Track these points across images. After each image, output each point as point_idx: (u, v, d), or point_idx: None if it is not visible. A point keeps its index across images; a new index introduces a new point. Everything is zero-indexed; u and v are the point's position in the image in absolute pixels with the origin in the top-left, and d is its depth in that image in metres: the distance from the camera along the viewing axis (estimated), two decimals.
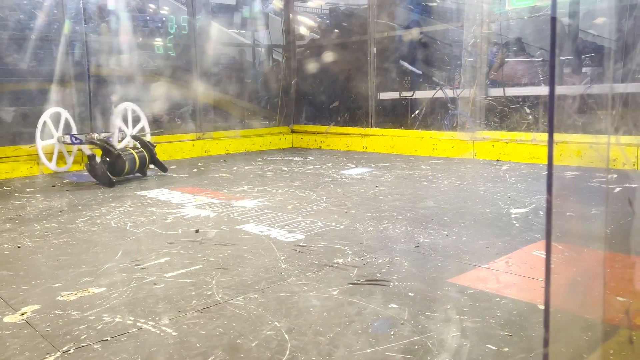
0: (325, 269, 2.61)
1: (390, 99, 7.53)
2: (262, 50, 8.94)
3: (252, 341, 1.87)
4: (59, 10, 6.38)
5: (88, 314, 2.13)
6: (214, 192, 4.72)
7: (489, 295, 2.23)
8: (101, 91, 6.81)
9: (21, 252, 3.03)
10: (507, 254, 2.77)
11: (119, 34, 6.99)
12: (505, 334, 1.88)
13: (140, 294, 2.33)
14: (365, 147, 7.61)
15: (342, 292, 2.30)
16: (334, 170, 5.85)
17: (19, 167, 5.96)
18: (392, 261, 2.69)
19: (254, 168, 6.24)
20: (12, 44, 6.13)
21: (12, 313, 2.16)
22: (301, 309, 2.13)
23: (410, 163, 6.22)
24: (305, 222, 3.54)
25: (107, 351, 1.82)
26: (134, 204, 4.30)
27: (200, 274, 2.57)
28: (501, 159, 6.14)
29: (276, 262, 2.73)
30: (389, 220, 3.52)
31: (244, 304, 2.20)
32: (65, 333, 1.96)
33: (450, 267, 2.60)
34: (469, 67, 6.44)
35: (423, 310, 2.09)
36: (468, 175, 5.27)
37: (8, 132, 6.07)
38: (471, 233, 3.18)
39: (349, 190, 4.63)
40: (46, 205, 4.35)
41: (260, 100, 8.68)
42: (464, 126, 6.55)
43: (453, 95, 6.72)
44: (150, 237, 3.28)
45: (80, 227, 3.56)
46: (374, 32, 7.45)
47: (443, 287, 2.33)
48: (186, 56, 7.60)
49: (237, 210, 3.97)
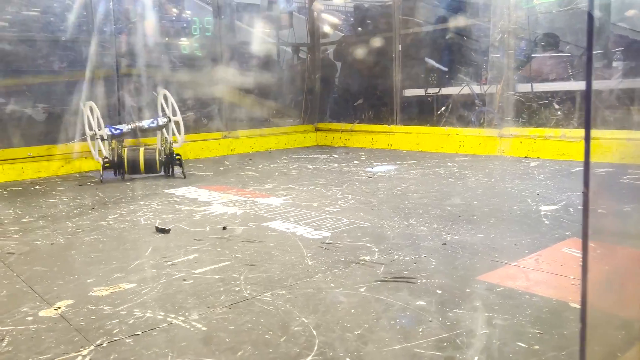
0: (352, 266, 2.61)
1: (416, 96, 7.47)
2: (287, 48, 8.97)
3: (280, 337, 1.88)
4: (88, 12, 6.50)
5: (120, 309, 2.17)
6: (240, 190, 4.76)
7: (518, 293, 2.20)
8: (129, 91, 6.92)
9: (54, 248, 3.11)
10: (536, 252, 2.73)
11: (146, 34, 7.10)
12: (536, 331, 1.86)
13: (170, 290, 2.37)
14: (390, 144, 7.58)
15: (369, 289, 2.30)
16: (359, 168, 5.84)
17: (50, 166, 6.10)
18: (419, 258, 2.68)
19: (279, 166, 6.27)
20: (44, 46, 6.28)
21: (47, 307, 2.22)
22: (328, 306, 2.14)
23: (436, 160, 6.17)
24: (330, 220, 3.55)
25: (138, 345, 1.85)
26: (162, 201, 4.36)
27: (228, 270, 2.60)
28: (529, 156, 6.05)
29: (303, 259, 2.74)
30: (415, 218, 3.50)
31: (272, 300, 2.21)
32: (98, 327, 2.00)
33: (479, 264, 2.58)
34: (496, 63, 6.36)
35: (451, 307, 2.07)
36: (496, 172, 5.21)
37: (40, 132, 6.21)
38: (500, 230, 3.15)
39: (375, 188, 4.62)
40: (77, 203, 4.45)
41: (284, 99, 8.71)
42: (491, 123, 6.47)
43: (480, 91, 6.64)
44: (178, 234, 3.33)
45: (111, 224, 3.64)
46: (399, 29, 7.40)
47: (471, 285, 2.31)
48: (212, 56, 7.67)
49: (263, 208, 3.99)
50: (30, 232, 3.50)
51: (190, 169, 6.19)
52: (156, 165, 5.42)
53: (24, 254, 3.01)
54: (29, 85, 6.22)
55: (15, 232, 3.53)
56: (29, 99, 6.20)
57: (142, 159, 5.38)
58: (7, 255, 3.00)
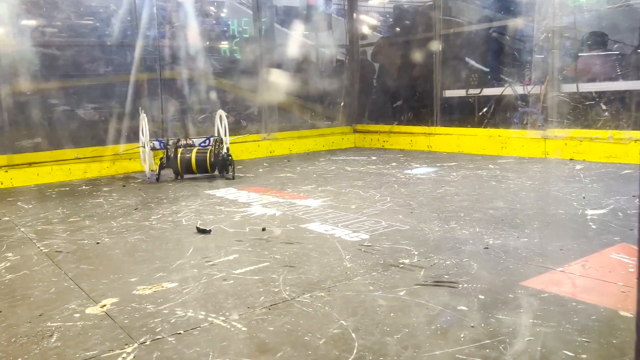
0: (391, 269, 2.59)
1: (457, 97, 7.36)
2: (326, 50, 8.98)
3: (319, 339, 1.88)
4: (132, 17, 6.68)
5: (162, 307, 2.21)
6: (279, 192, 4.79)
7: (564, 300, 2.13)
8: (172, 94, 7.06)
9: (100, 247, 3.20)
10: (583, 257, 2.64)
11: (187, 38, 7.23)
12: (583, 340, 1.80)
13: (210, 290, 2.40)
14: (430, 146, 7.49)
15: (409, 292, 2.27)
16: (397, 170, 5.79)
17: (96, 167, 6.28)
18: (460, 262, 2.63)
19: (317, 168, 6.28)
20: (90, 50, 6.48)
21: (93, 305, 2.28)
22: (367, 309, 2.12)
23: (477, 162, 6.06)
24: (369, 222, 3.53)
25: (180, 344, 1.88)
26: (203, 202, 4.43)
27: (268, 271, 2.62)
28: (575, 158, 5.87)
29: (341, 261, 2.73)
30: (456, 221, 3.45)
31: (311, 302, 2.21)
32: (142, 325, 2.05)
33: (522, 269, 2.51)
34: (540, 63, 6.20)
35: (494, 313, 2.03)
36: (539, 174, 5.07)
37: (86, 134, 6.41)
38: (544, 235, 3.06)
39: (414, 190, 4.57)
40: (121, 203, 4.57)
41: (323, 101, 8.72)
42: (534, 124, 6.31)
43: (523, 92, 6.49)
44: (219, 234, 3.37)
45: (154, 225, 3.72)
46: (439, 29, 7.31)
47: (515, 290, 2.25)
48: (251, 58, 7.76)
49: (302, 209, 4.00)
50: (77, 232, 3.61)
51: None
52: (207, 166, 5.56)
53: (71, 253, 3.10)
54: (76, 88, 6.43)
55: (63, 231, 3.65)
56: (75, 102, 6.41)
57: (194, 160, 5.53)
58: (55, 253, 3.10)
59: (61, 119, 6.25)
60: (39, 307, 2.28)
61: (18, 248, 3.26)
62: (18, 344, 1.94)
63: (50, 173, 6.00)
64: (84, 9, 6.63)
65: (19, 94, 5.95)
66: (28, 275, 2.72)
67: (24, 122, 5.99)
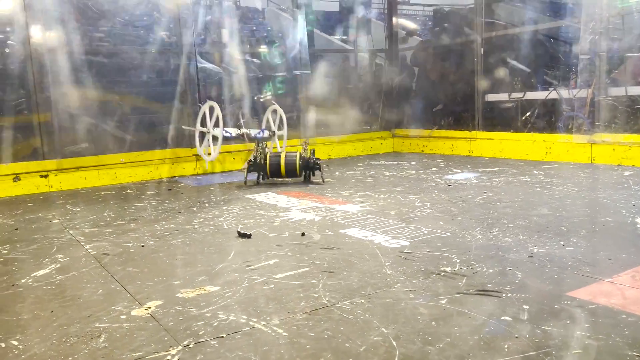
0: (432, 276, 2.56)
1: (499, 101, 7.23)
2: (365, 55, 8.97)
3: (360, 346, 1.88)
4: (175, 25, 6.83)
5: (205, 311, 2.25)
6: (318, 197, 4.81)
7: (613, 312, 2.06)
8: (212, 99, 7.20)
9: (145, 250, 3.28)
10: (633, 267, 2.55)
11: (228, 43, 7.36)
12: (635, 354, 1.73)
13: (251, 294, 2.43)
14: (471, 151, 7.37)
15: (450, 301, 2.24)
16: (437, 175, 5.72)
17: (140, 171, 6.45)
18: (503, 271, 2.58)
19: (356, 173, 6.27)
20: (134, 58, 6.66)
21: (139, 307, 2.34)
22: (408, 317, 2.11)
23: (520, 168, 5.93)
24: (409, 228, 3.50)
25: (223, 347, 1.91)
26: (244, 206, 4.49)
27: (308, 277, 2.63)
28: (623, 164, 5.67)
29: (381, 268, 2.72)
30: (499, 228, 3.38)
31: (351, 308, 2.21)
32: (185, 328, 2.09)
33: (569, 279, 2.44)
34: (586, 66, 6.02)
35: (539, 323, 1.98)
36: (586, 181, 4.92)
37: (130, 140, 6.58)
38: (591, 243, 2.97)
39: (455, 196, 4.51)
40: (165, 207, 4.68)
41: (362, 105, 8.71)
42: (580, 128, 6.13)
43: (568, 95, 6.32)
44: (259, 239, 3.41)
45: (196, 228, 3.79)
46: (481, 32, 7.20)
47: (561, 301, 2.19)
48: (290, 63, 7.82)
49: (341, 215, 4.01)
50: (122, 235, 3.72)
51: None
52: (296, 169, 5.58)
53: (117, 255, 3.19)
54: (121, 94, 6.63)
55: (109, 233, 3.77)
56: (121, 108, 6.60)
57: (284, 163, 5.59)
58: (102, 256, 3.20)
59: (107, 124, 6.45)
60: (88, 308, 2.35)
61: (67, 250, 3.37)
62: (68, 343, 2.01)
63: (97, 177, 6.19)
64: (129, 17, 6.83)
65: (68, 100, 6.17)
66: (77, 277, 2.82)
67: (72, 127, 6.21)
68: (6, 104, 5.88)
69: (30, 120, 5.97)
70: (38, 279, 2.82)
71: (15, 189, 5.77)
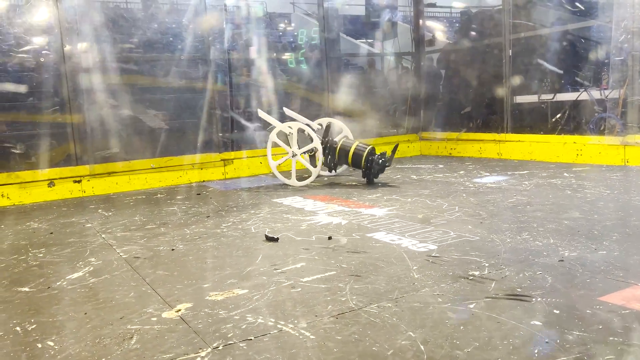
0: (460, 280, 2.54)
1: (528, 103, 7.12)
2: (391, 58, 8.95)
3: (387, 350, 1.88)
4: (203, 32, 6.94)
5: (233, 313, 2.28)
6: (344, 200, 4.82)
7: None
8: (240, 104, 7.27)
9: (175, 254, 3.34)
10: None
11: (255, 50, 7.44)
12: None
13: (279, 297, 2.45)
14: (500, 153, 7.28)
15: (479, 306, 2.22)
16: (466, 179, 5.67)
17: (170, 176, 6.57)
18: (533, 275, 2.55)
19: (383, 176, 6.25)
20: (165, 64, 6.79)
21: (169, 310, 2.39)
22: (436, 321, 2.10)
23: (551, 171, 5.83)
24: (437, 232, 3.48)
25: (251, 350, 1.93)
26: (271, 210, 4.52)
27: (335, 280, 2.64)
28: None
29: (408, 272, 2.71)
30: (528, 232, 3.33)
31: (378, 312, 2.21)
32: (215, 331, 2.12)
33: (601, 283, 2.39)
34: (618, 66, 5.89)
35: (570, 329, 1.95)
36: (619, 183, 4.81)
37: (161, 145, 6.71)
38: (624, 247, 2.90)
39: (484, 200, 4.46)
40: (194, 211, 4.75)
41: (388, 109, 8.69)
42: (613, 130, 6.00)
43: (600, 96, 6.19)
44: (286, 242, 3.43)
45: (225, 232, 3.84)
46: (509, 33, 7.11)
47: (593, 306, 2.15)
48: (317, 68, 7.86)
49: (367, 219, 4.01)
50: (153, 238, 3.79)
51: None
52: (361, 162, 5.62)
53: (148, 259, 3.26)
54: (151, 101, 6.76)
55: (140, 237, 3.84)
56: (152, 115, 6.73)
57: (352, 152, 5.64)
58: (134, 259, 3.27)
59: (138, 131, 6.58)
60: (120, 310, 2.41)
61: (100, 253, 3.46)
62: (102, 344, 2.06)
63: (128, 182, 6.32)
64: (158, 25, 6.97)
65: (100, 107, 6.33)
66: (109, 280, 2.89)
67: (104, 134, 6.36)
68: (42, 111, 6.07)
69: (64, 127, 6.13)
70: (72, 281, 2.90)
71: (50, 194, 5.94)
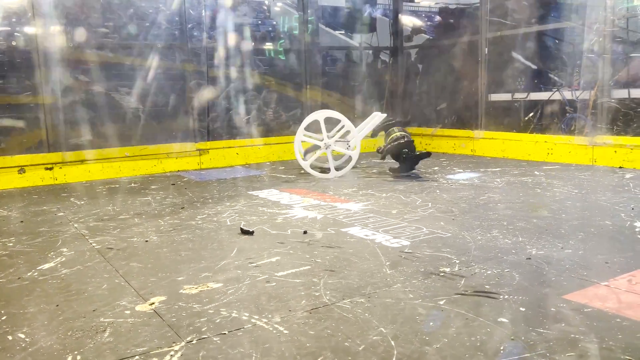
0: (432, 277, 2.60)
1: (502, 101, 7.24)
2: (370, 52, 8.98)
3: (359, 345, 1.92)
4: (181, 19, 6.86)
5: (207, 307, 2.30)
6: (320, 194, 4.85)
7: (608, 316, 2.10)
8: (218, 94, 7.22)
9: (148, 245, 3.33)
10: (630, 272, 2.59)
11: (232, 39, 7.37)
12: (627, 358, 1.77)
13: (254, 291, 2.47)
14: (473, 150, 7.40)
15: (449, 302, 2.28)
16: (439, 175, 5.76)
17: (144, 165, 6.50)
18: (502, 273, 2.62)
19: (358, 170, 6.30)
20: (141, 52, 6.69)
21: (142, 302, 2.39)
22: (407, 317, 2.15)
23: (522, 168, 5.96)
24: (410, 228, 3.54)
25: (225, 344, 1.96)
26: (247, 203, 4.53)
27: (309, 275, 2.67)
28: (624, 167, 5.69)
29: (381, 267, 2.76)
30: (498, 230, 3.42)
31: (351, 308, 2.25)
32: (188, 324, 2.13)
33: (566, 282, 2.48)
34: (590, 67, 6.04)
35: (535, 326, 2.02)
36: (586, 183, 4.95)
37: (136, 133, 6.63)
38: (589, 247, 3.01)
39: (456, 197, 4.54)
40: (169, 202, 4.72)
41: (366, 102, 8.73)
42: (582, 130, 6.15)
43: (571, 97, 6.33)
44: (262, 236, 3.45)
45: (199, 224, 3.83)
46: (485, 31, 7.21)
47: (557, 304, 2.23)
48: (295, 59, 7.85)
49: (342, 213, 4.05)
50: (126, 229, 3.77)
51: (273, 171, 6.38)
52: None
53: (121, 250, 3.24)
54: (126, 89, 6.66)
55: (113, 228, 3.81)
56: (125, 102, 6.64)
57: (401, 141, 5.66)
58: (107, 250, 3.25)
59: (112, 118, 6.49)
60: (93, 303, 2.40)
61: (72, 244, 3.43)
62: (74, 337, 2.06)
63: (101, 170, 6.24)
64: (134, 10, 6.86)
65: (73, 93, 6.22)
66: (82, 271, 2.87)
67: (76, 121, 6.25)
68: (12, 96, 5.93)
69: (36, 112, 6.01)
70: (43, 272, 2.87)
71: (20, 181, 5.83)
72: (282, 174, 6.21)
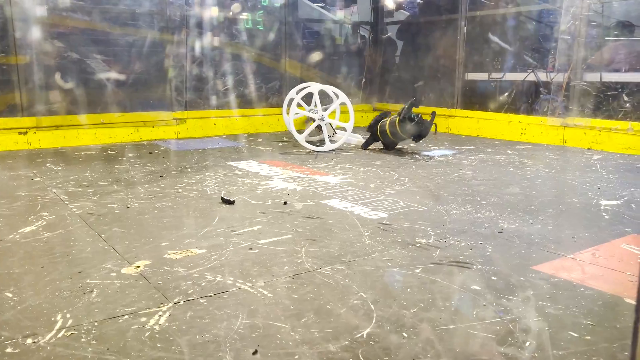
0: (408, 247, 2.71)
1: (479, 80, 7.37)
2: (349, 26, 8.98)
3: (340, 308, 2.02)
4: None
5: (192, 272, 2.36)
6: (299, 167, 4.91)
7: (573, 285, 2.24)
8: (196, 63, 7.16)
9: (130, 212, 3.35)
10: (594, 246, 2.74)
11: (212, 9, 7.29)
12: (588, 323, 1.91)
13: (237, 258, 2.54)
14: (449, 128, 7.54)
15: (425, 270, 2.40)
16: (416, 151, 5.87)
17: (120, 132, 6.44)
18: (475, 245, 2.75)
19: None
20: (117, 17, 6.57)
21: (128, 266, 2.44)
22: (386, 283, 2.25)
23: (496, 147, 6.12)
24: (387, 201, 3.64)
25: (212, 305, 2.03)
26: (226, 173, 4.57)
27: (290, 243, 2.75)
28: (593, 148, 5.91)
29: (360, 237, 2.86)
30: (472, 205, 3.55)
31: (332, 274, 2.35)
32: (175, 287, 2.20)
33: (535, 254, 2.62)
34: (564, 50, 6.19)
35: (505, 294, 2.15)
36: (557, 162, 5.13)
37: (113, 100, 6.54)
38: (557, 222, 3.16)
39: (432, 172, 4.66)
40: (147, 170, 4.72)
41: (345, 77, 8.76)
42: (555, 111, 6.33)
43: (546, 78, 6.49)
44: (243, 205, 3.51)
45: (180, 193, 3.87)
46: (465, 10, 7.28)
47: (526, 274, 2.36)
48: (274, 31, 7.80)
49: (322, 186, 4.13)
50: (106, 195, 3.78)
51: (251, 143, 6.40)
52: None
53: (102, 215, 3.26)
54: (103, 55, 6.55)
55: (92, 194, 3.82)
56: (102, 68, 6.53)
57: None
58: (88, 215, 3.27)
59: (88, 84, 6.38)
60: (78, 265, 2.44)
61: (52, 208, 3.43)
62: (62, 297, 2.10)
63: (77, 136, 6.16)
64: None
65: (48, 57, 6.09)
66: (64, 235, 2.89)
67: (52, 85, 6.14)
68: None
69: (9, 74, 5.87)
70: (25, 235, 2.88)
71: None
72: (261, 145, 6.24)
